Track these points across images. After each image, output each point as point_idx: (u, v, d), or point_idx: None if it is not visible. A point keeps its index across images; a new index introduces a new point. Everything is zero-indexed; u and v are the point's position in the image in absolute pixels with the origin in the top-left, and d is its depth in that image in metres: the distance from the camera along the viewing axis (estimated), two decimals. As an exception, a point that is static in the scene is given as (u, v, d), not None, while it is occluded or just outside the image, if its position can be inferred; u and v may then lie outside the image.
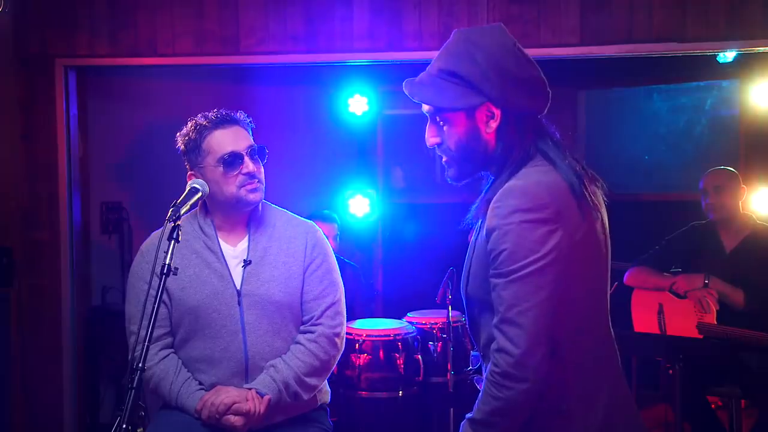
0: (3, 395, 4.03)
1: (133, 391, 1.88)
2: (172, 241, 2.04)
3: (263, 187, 2.45)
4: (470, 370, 1.98)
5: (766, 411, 3.56)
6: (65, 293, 4.08)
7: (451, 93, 1.72)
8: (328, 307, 2.49)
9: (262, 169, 2.46)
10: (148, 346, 1.93)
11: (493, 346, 1.65)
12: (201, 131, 2.41)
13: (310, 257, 2.49)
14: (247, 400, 2.33)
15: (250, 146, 2.43)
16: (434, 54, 1.79)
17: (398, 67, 4.12)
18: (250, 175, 2.39)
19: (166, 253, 2.02)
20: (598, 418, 1.68)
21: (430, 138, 1.79)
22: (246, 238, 2.48)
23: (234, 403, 2.32)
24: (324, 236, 2.60)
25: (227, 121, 2.43)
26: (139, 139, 4.98)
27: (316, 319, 2.47)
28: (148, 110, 5.02)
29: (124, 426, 1.84)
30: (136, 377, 1.89)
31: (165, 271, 2.00)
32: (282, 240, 2.49)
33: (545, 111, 1.78)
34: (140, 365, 1.91)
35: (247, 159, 2.40)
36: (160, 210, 2.27)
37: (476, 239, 1.76)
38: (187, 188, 2.26)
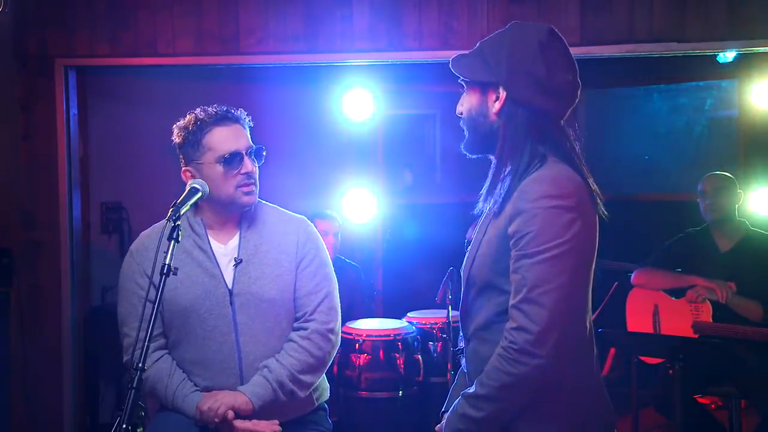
0: (3, 395, 4.03)
1: (133, 391, 1.87)
2: (173, 241, 2.03)
3: (257, 189, 2.41)
4: (459, 350, 2.05)
5: (766, 411, 3.56)
6: (65, 293, 4.08)
7: (472, 65, 1.87)
8: (320, 302, 2.44)
9: (257, 171, 2.43)
10: (148, 345, 1.93)
11: (509, 325, 1.72)
12: (201, 126, 2.36)
13: (302, 252, 2.45)
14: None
15: (250, 147, 2.40)
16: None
17: (399, 67, 4.12)
18: (248, 176, 2.37)
19: (166, 253, 2.01)
20: (587, 396, 1.80)
21: (459, 105, 1.92)
22: (237, 236, 2.43)
23: (231, 410, 2.30)
24: (316, 231, 2.55)
25: (228, 118, 2.39)
26: (139, 139, 4.97)
27: (309, 315, 2.43)
28: (148, 110, 5.02)
29: (124, 426, 1.84)
30: (136, 377, 1.89)
31: (165, 271, 1.99)
32: (273, 236, 2.45)
33: (564, 117, 1.86)
34: (140, 365, 1.90)
35: (246, 159, 2.37)
36: (160, 210, 2.26)
37: (489, 222, 1.84)
38: (187, 188, 2.25)
